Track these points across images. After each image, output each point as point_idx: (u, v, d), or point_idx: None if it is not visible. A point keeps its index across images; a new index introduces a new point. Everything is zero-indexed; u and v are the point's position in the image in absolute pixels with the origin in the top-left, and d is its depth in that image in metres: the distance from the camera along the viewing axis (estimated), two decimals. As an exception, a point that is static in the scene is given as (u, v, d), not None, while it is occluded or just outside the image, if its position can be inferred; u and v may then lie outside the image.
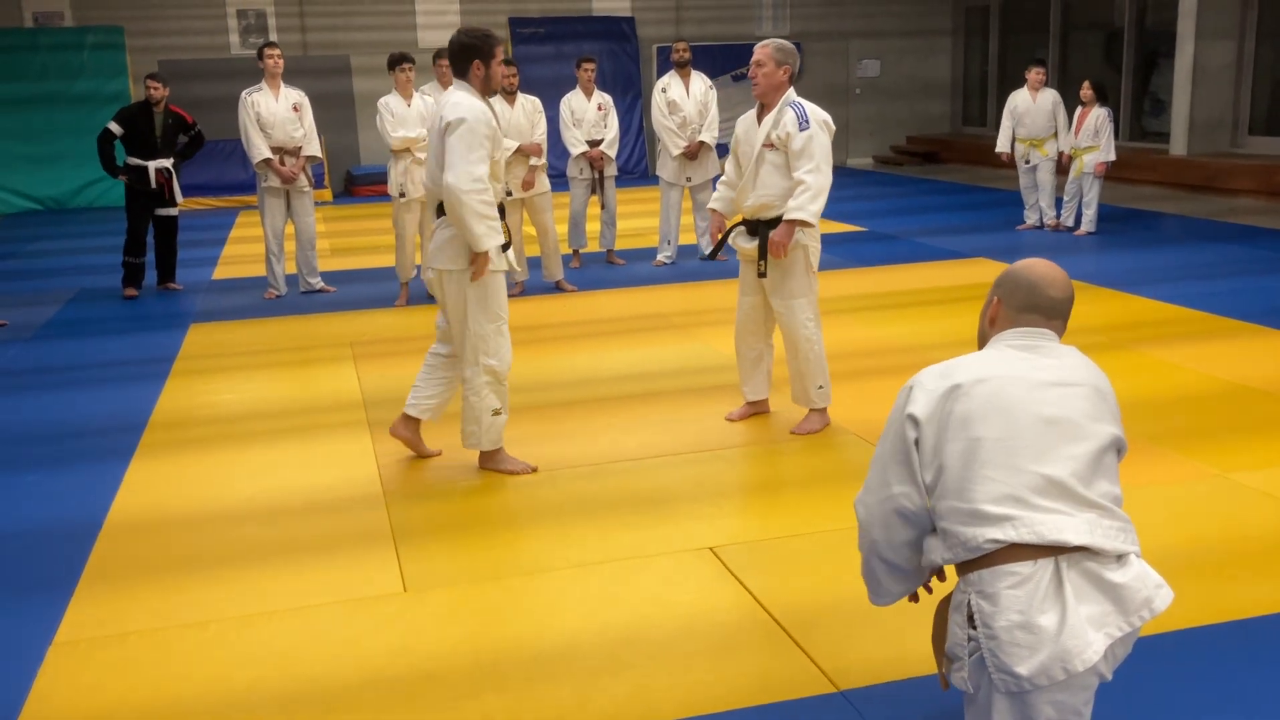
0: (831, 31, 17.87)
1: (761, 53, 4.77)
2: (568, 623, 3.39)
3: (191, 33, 15.78)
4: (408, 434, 4.81)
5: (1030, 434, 2.27)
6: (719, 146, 9.16)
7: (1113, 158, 10.10)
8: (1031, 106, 10.53)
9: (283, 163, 8.25)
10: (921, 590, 2.65)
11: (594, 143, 9.19)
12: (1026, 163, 10.68)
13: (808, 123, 4.71)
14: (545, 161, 8.40)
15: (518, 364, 4.86)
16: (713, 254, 5.28)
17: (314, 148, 8.48)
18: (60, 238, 12.51)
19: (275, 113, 8.26)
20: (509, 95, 8.21)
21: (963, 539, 2.26)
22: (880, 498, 2.41)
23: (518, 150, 8.07)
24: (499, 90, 4.58)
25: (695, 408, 5.42)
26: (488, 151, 4.31)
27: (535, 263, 8.84)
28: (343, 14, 16.27)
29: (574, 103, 9.23)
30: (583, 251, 9.61)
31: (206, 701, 3.01)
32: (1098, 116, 10.11)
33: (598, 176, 9.28)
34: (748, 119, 4.93)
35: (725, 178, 5.11)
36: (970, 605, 2.25)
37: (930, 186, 14.93)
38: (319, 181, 13.96)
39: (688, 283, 8.66)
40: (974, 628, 2.24)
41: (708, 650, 3.18)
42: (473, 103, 4.33)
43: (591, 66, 9.27)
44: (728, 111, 13.16)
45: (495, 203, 4.41)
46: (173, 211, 8.81)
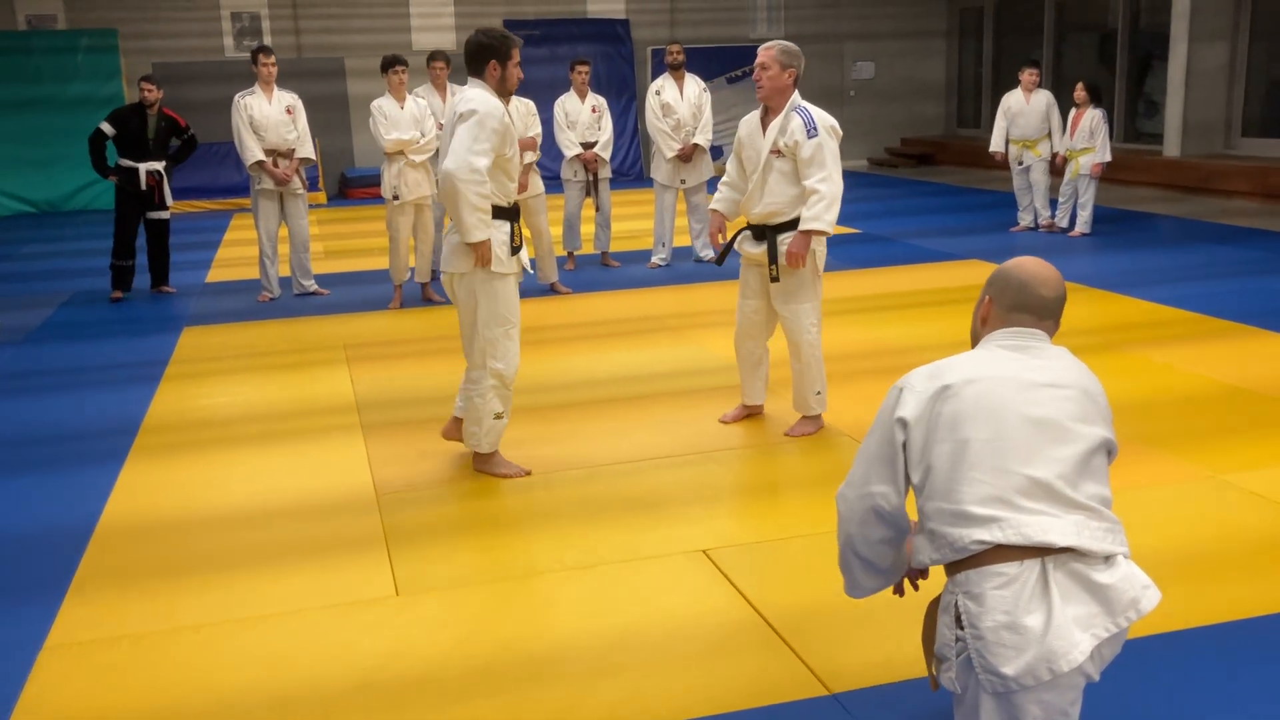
0: (826, 34, 17.87)
1: (766, 55, 4.71)
2: (560, 626, 3.39)
3: (186, 35, 15.75)
4: (459, 434, 4.79)
5: (1018, 436, 2.28)
6: (713, 149, 9.17)
7: (1109, 159, 10.13)
8: (1025, 107, 10.56)
9: (276, 164, 8.26)
10: (909, 588, 2.65)
11: (588, 145, 9.19)
12: (1020, 164, 10.70)
13: (816, 130, 4.67)
14: (539, 153, 8.33)
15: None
16: (720, 259, 5.17)
17: (307, 150, 8.47)
18: (54, 241, 12.50)
19: (268, 116, 8.26)
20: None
21: (950, 540, 2.27)
22: (859, 493, 2.44)
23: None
24: (514, 92, 4.58)
25: (690, 410, 5.42)
26: (493, 146, 4.28)
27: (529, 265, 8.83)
28: (337, 16, 16.25)
29: (568, 105, 9.23)
30: (577, 254, 9.61)
31: (198, 705, 3.00)
32: (1093, 118, 10.13)
33: (592, 179, 9.28)
34: (751, 121, 4.87)
35: (727, 178, 5.06)
36: (958, 606, 2.26)
37: (924, 188, 14.95)
38: (313, 184, 13.94)
39: (682, 285, 8.66)
40: (961, 628, 2.25)
41: (700, 653, 3.18)
42: (487, 98, 4.31)
43: (586, 69, 9.26)
44: (722, 114, 13.20)
45: (501, 199, 4.39)
46: (164, 214, 8.80)
